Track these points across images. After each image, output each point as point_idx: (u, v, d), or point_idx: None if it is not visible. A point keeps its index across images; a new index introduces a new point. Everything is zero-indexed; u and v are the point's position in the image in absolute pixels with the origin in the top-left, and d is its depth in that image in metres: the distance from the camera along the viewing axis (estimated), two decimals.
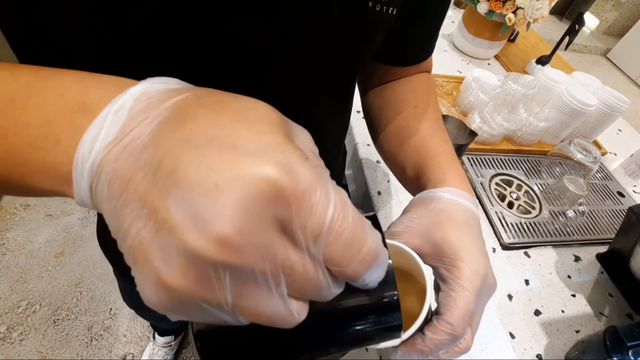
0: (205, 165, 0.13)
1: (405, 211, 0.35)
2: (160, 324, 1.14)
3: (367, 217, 0.21)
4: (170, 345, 1.22)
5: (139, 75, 0.17)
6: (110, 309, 1.30)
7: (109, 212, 0.14)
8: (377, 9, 0.32)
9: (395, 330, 0.22)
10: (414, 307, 0.29)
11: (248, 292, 0.14)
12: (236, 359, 0.20)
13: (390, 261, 0.21)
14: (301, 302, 0.16)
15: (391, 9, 0.33)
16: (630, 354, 0.42)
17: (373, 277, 0.16)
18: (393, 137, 0.45)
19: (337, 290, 0.16)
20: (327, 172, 0.17)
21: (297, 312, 0.16)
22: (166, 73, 0.18)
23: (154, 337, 1.23)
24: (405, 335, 0.26)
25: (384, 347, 0.26)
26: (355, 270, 0.15)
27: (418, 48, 0.46)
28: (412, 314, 0.28)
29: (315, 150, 0.18)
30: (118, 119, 0.15)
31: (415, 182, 0.39)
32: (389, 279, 0.20)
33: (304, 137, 0.17)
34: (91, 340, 1.23)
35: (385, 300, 0.21)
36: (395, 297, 0.21)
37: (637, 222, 0.52)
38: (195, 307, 0.14)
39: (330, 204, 0.14)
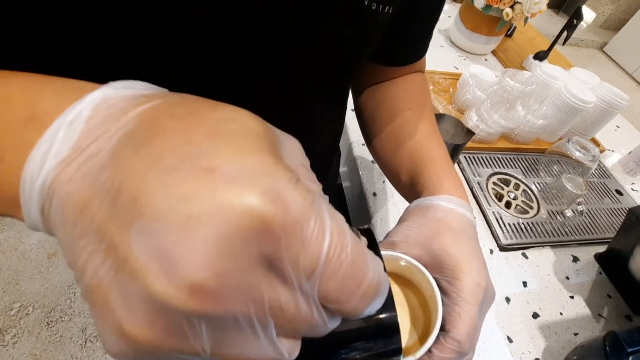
0: (175, 193, 0.11)
1: (402, 219, 0.34)
2: None
3: (362, 232, 0.19)
4: None
5: (126, 77, 0.15)
6: None
7: (64, 242, 0.12)
8: (373, 8, 0.31)
9: (395, 354, 0.21)
10: (417, 319, 0.28)
11: (230, 339, 0.12)
12: None
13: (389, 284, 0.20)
14: (293, 341, 0.14)
15: (387, 7, 0.32)
16: (630, 359, 0.41)
17: (374, 309, 0.15)
18: (387, 141, 0.44)
19: (332, 326, 0.14)
20: (319, 191, 0.15)
21: (288, 352, 0.14)
22: (158, 75, 0.16)
23: None
24: (418, 354, 0.25)
25: None
26: (355, 307, 0.13)
27: (412, 48, 0.45)
28: (416, 327, 0.27)
29: (307, 162, 0.16)
30: (72, 131, 0.12)
31: (410, 188, 0.38)
32: (388, 302, 0.18)
33: (293, 148, 0.15)
34: (85, 342, 1.22)
35: (385, 325, 0.20)
36: (395, 321, 0.20)
37: (638, 223, 0.51)
38: (167, 357, 0.12)
39: (326, 234, 0.12)
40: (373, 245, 0.19)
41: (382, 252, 0.29)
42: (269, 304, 0.12)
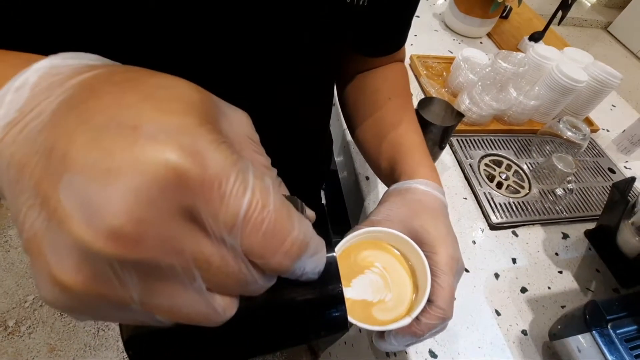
0: (98, 147, 0.11)
1: (383, 201, 0.36)
2: None
3: (289, 200, 0.18)
4: None
5: None
6: None
7: (9, 201, 0.13)
8: (347, 1, 0.33)
9: (340, 323, 0.21)
10: (405, 286, 0.31)
11: (158, 288, 0.13)
12: None
13: (334, 253, 0.19)
14: (228, 298, 0.15)
15: (362, 1, 0.33)
16: (609, 327, 0.43)
17: (306, 268, 0.15)
18: (368, 130, 0.46)
19: (266, 284, 0.15)
20: (267, 164, 0.17)
21: (222, 308, 0.14)
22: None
23: None
24: (414, 313, 0.28)
25: (380, 329, 0.27)
26: (280, 263, 0.14)
27: (390, 39, 0.47)
28: (406, 293, 0.29)
29: (253, 135, 0.17)
30: (19, 97, 0.13)
31: (389, 173, 0.40)
32: (331, 270, 0.19)
33: (239, 120, 0.16)
34: (98, 331, 1.27)
35: (328, 292, 0.19)
36: (338, 290, 0.20)
37: (621, 198, 0.52)
38: (98, 306, 0.12)
39: (247, 192, 0.13)
40: (323, 223, 0.19)
41: (379, 228, 0.31)
42: (193, 255, 0.13)
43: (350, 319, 0.27)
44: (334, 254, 0.20)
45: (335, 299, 0.20)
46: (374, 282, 0.30)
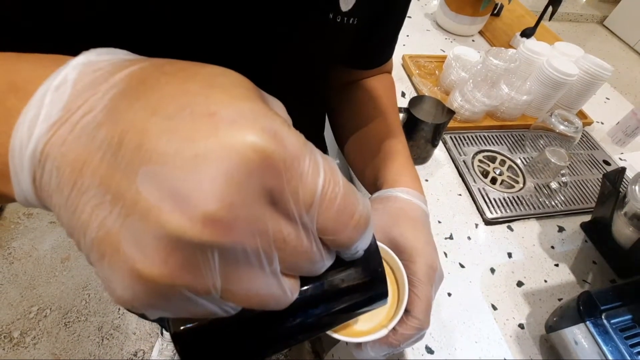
0: (178, 136, 0.11)
1: None
2: (163, 323, 1.18)
3: None
4: None
5: None
6: (119, 309, 1.34)
7: (60, 206, 0.12)
8: (338, 21, 0.34)
9: (382, 297, 0.22)
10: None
11: (239, 273, 0.12)
12: (220, 355, 0.18)
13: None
14: (293, 279, 0.15)
15: (352, 19, 0.35)
16: (603, 317, 0.43)
17: (364, 242, 0.16)
18: (353, 140, 0.48)
19: (329, 262, 0.15)
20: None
21: (290, 290, 0.14)
22: None
23: (162, 333, 1.27)
24: (391, 324, 0.28)
25: (353, 341, 0.27)
26: (349, 237, 0.14)
27: (378, 53, 0.48)
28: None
29: (290, 122, 0.17)
30: (60, 95, 0.12)
31: (372, 181, 0.41)
32: (373, 246, 0.20)
33: (279, 106, 0.16)
34: (102, 340, 1.27)
35: (373, 268, 0.21)
36: (381, 266, 0.21)
37: (612, 189, 0.52)
38: (179, 299, 0.12)
39: (320, 170, 0.13)
40: None
41: None
42: (273, 236, 0.13)
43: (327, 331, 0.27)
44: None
45: (380, 273, 0.21)
46: None
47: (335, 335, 0.27)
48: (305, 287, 0.15)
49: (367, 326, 0.28)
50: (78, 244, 0.12)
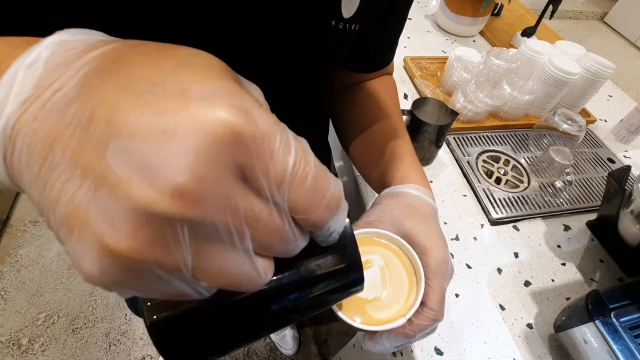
0: (149, 111, 0.11)
1: (376, 203, 0.37)
2: None
3: None
4: None
5: None
6: (125, 315, 1.34)
7: (31, 183, 0.12)
8: (340, 27, 0.34)
9: (358, 283, 0.22)
10: (402, 285, 0.31)
11: (210, 250, 0.12)
12: (200, 347, 0.18)
13: (347, 219, 0.20)
14: (267, 260, 0.15)
15: (353, 25, 0.35)
16: (612, 315, 0.43)
17: (338, 224, 0.16)
18: (359, 141, 0.48)
19: (302, 243, 0.16)
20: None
21: (263, 270, 0.14)
22: None
23: None
24: (409, 313, 0.28)
25: (372, 329, 0.28)
26: (321, 217, 0.14)
27: (380, 56, 0.49)
28: (402, 292, 0.30)
29: (267, 106, 0.17)
30: (33, 73, 0.12)
31: (380, 180, 0.42)
32: (349, 232, 0.20)
33: (255, 90, 0.16)
34: (110, 346, 1.28)
35: (349, 254, 0.21)
36: (357, 253, 0.21)
37: (618, 187, 0.52)
38: (148, 276, 0.12)
39: (291, 149, 0.13)
40: None
41: (373, 229, 0.32)
42: (244, 213, 0.13)
43: (344, 317, 0.27)
44: (347, 219, 0.20)
45: (356, 261, 0.21)
46: (371, 278, 0.30)
47: (355, 324, 0.27)
48: (280, 271, 0.15)
49: (384, 314, 0.29)
50: (48, 221, 0.12)
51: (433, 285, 0.30)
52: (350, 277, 0.21)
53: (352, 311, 0.29)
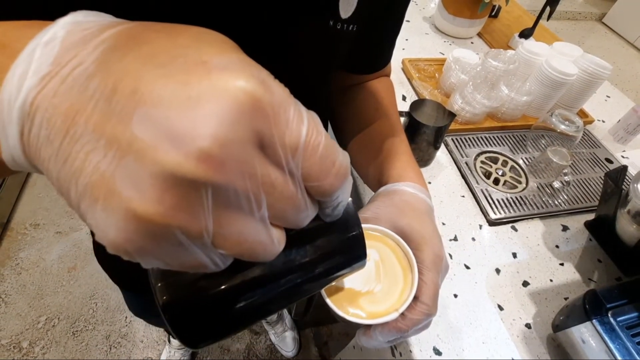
0: (172, 80, 0.11)
1: (372, 201, 0.38)
2: None
3: None
4: (185, 347, 1.26)
5: None
6: (126, 317, 1.35)
7: (50, 158, 0.12)
8: (338, 27, 0.35)
9: (361, 258, 0.23)
10: (397, 280, 0.31)
11: (229, 217, 0.13)
12: (212, 325, 0.19)
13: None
14: (280, 230, 0.15)
15: (351, 26, 0.36)
16: (610, 315, 0.43)
17: (345, 193, 0.16)
18: (356, 141, 0.48)
19: (312, 213, 0.16)
20: None
21: (277, 239, 0.15)
22: None
23: (169, 341, 1.27)
24: (402, 307, 0.28)
25: (364, 323, 0.28)
26: (332, 184, 0.15)
27: (377, 57, 0.49)
28: (396, 286, 0.30)
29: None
30: (50, 50, 0.12)
31: (377, 178, 0.42)
32: (351, 209, 0.21)
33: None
34: (110, 348, 1.28)
35: (352, 229, 0.22)
36: (360, 228, 0.22)
37: (615, 187, 0.53)
38: (171, 243, 0.12)
39: (304, 119, 0.14)
40: None
41: (368, 225, 0.33)
42: (262, 179, 0.13)
43: (335, 308, 0.28)
44: (350, 198, 0.21)
45: (359, 235, 0.22)
46: (365, 271, 0.30)
47: (348, 317, 0.28)
48: (288, 245, 0.16)
49: (377, 308, 0.29)
50: (68, 195, 0.12)
51: (426, 280, 0.30)
52: (353, 252, 0.23)
53: (344, 303, 0.29)
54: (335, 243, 0.21)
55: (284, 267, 0.19)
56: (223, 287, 0.18)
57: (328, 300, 0.28)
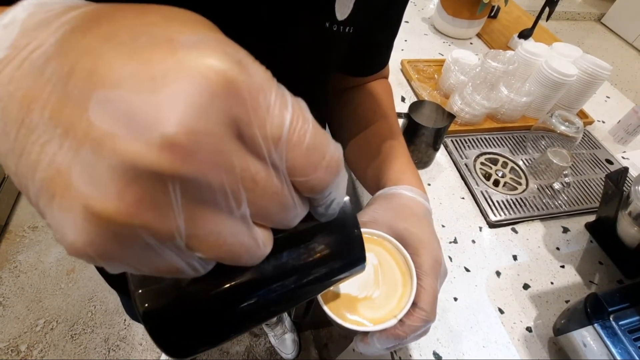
0: (134, 59, 0.10)
1: (369, 204, 0.37)
2: None
3: None
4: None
5: None
6: (125, 320, 1.34)
7: (7, 153, 0.11)
8: (334, 29, 0.34)
9: (360, 262, 0.22)
10: (396, 285, 0.31)
11: (204, 215, 0.11)
12: (195, 332, 0.17)
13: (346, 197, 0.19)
14: (265, 231, 0.14)
15: (347, 28, 0.35)
16: (611, 318, 0.42)
17: (339, 191, 0.15)
18: (354, 143, 0.48)
19: (302, 212, 0.14)
20: None
21: (262, 241, 0.13)
22: None
23: None
24: (400, 314, 0.28)
25: (362, 330, 0.27)
26: (322, 178, 0.13)
27: (375, 59, 0.49)
28: (395, 292, 0.30)
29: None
30: (8, 34, 0.11)
31: (375, 181, 0.42)
32: (348, 208, 0.19)
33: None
34: (109, 352, 1.27)
35: (350, 231, 0.20)
36: (358, 230, 0.20)
37: (616, 189, 0.52)
38: (138, 245, 0.11)
39: (288, 105, 0.12)
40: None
41: (368, 229, 0.32)
42: (241, 173, 0.11)
43: (333, 316, 0.27)
44: (347, 197, 0.19)
45: (357, 238, 0.20)
46: (364, 276, 0.29)
47: (345, 324, 0.27)
48: (278, 248, 0.14)
49: (375, 314, 0.28)
50: (27, 192, 0.11)
51: (425, 286, 0.30)
52: (351, 255, 0.21)
53: (342, 309, 0.28)
54: (332, 245, 0.19)
55: (275, 271, 0.18)
56: (209, 293, 0.17)
57: (325, 307, 0.28)
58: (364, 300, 0.29)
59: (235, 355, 1.30)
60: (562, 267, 0.59)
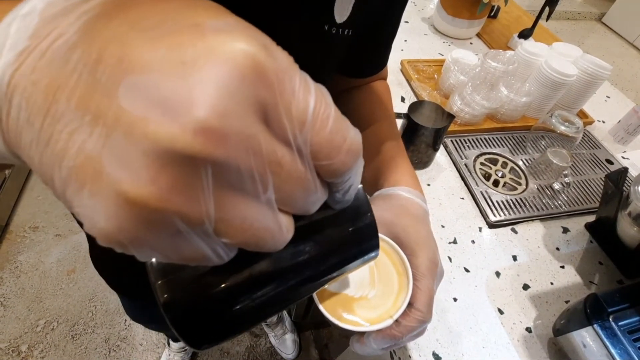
0: (163, 44, 0.10)
1: None
2: (169, 333, 1.18)
3: None
4: (185, 350, 1.25)
5: None
6: (125, 320, 1.34)
7: (32, 142, 0.11)
8: (333, 32, 0.35)
9: (374, 248, 0.22)
10: (392, 285, 0.30)
11: (232, 199, 0.11)
12: (215, 322, 0.17)
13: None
14: (287, 216, 0.14)
15: (346, 30, 0.35)
16: (611, 319, 0.42)
17: (357, 176, 0.15)
18: None
19: (323, 197, 0.14)
20: None
21: (285, 226, 0.13)
22: None
23: (168, 344, 1.27)
24: (397, 314, 0.28)
25: (356, 330, 0.27)
26: (344, 162, 0.13)
27: (373, 61, 0.49)
28: (390, 292, 0.30)
29: None
30: (28, 24, 0.11)
31: (373, 182, 0.42)
32: (362, 195, 0.19)
33: None
34: (109, 352, 1.27)
35: (364, 217, 0.20)
36: (372, 217, 0.20)
37: (615, 189, 0.52)
38: (168, 230, 0.11)
39: (311, 89, 0.12)
40: None
41: None
42: (267, 157, 0.11)
43: (329, 316, 0.27)
44: (360, 185, 0.19)
45: (372, 224, 0.20)
46: (360, 276, 0.29)
47: (340, 324, 0.27)
48: (297, 234, 0.14)
49: (371, 315, 0.28)
50: (52, 183, 0.11)
51: (421, 286, 0.30)
52: (367, 241, 0.21)
53: (338, 308, 0.28)
54: (347, 232, 0.19)
55: (293, 259, 0.18)
56: (229, 282, 0.17)
57: (321, 307, 0.28)
58: (359, 300, 0.29)
59: (235, 355, 1.30)
60: (562, 267, 0.59)
